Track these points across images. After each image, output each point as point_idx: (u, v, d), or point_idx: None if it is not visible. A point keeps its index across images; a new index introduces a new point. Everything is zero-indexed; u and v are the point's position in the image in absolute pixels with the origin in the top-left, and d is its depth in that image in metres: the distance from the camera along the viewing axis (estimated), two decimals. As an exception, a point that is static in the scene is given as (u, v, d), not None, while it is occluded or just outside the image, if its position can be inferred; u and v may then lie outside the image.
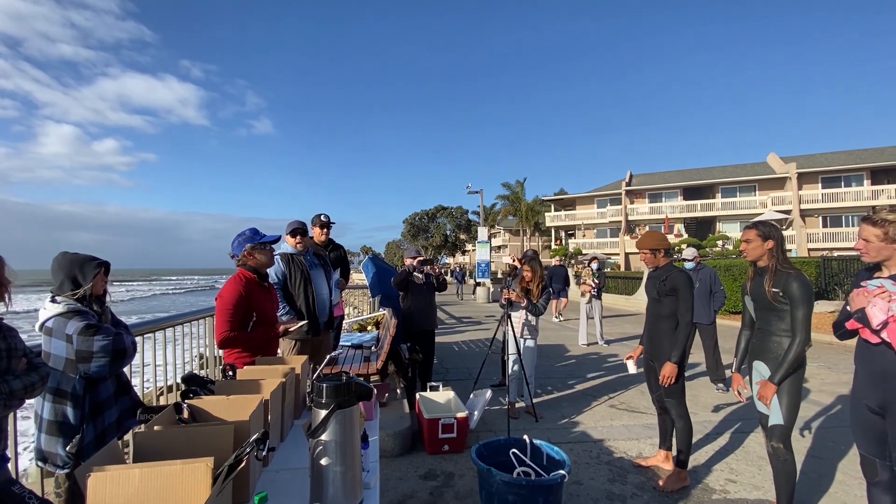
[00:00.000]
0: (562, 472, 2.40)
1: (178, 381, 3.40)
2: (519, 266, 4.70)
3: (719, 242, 25.75)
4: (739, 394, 2.67)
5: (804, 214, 26.64)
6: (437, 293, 4.97)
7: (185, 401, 1.53)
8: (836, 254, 19.13)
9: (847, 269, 12.55)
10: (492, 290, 19.32)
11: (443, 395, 4.06)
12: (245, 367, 2.04)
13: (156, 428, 1.32)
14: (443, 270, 5.50)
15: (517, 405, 4.56)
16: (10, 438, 1.75)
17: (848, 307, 2.09)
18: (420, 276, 4.70)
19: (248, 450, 1.15)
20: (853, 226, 25.01)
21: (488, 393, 4.19)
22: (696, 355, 5.55)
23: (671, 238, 26.59)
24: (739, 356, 2.71)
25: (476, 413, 3.98)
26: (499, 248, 49.56)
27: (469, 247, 48.96)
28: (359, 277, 13.18)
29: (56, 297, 1.87)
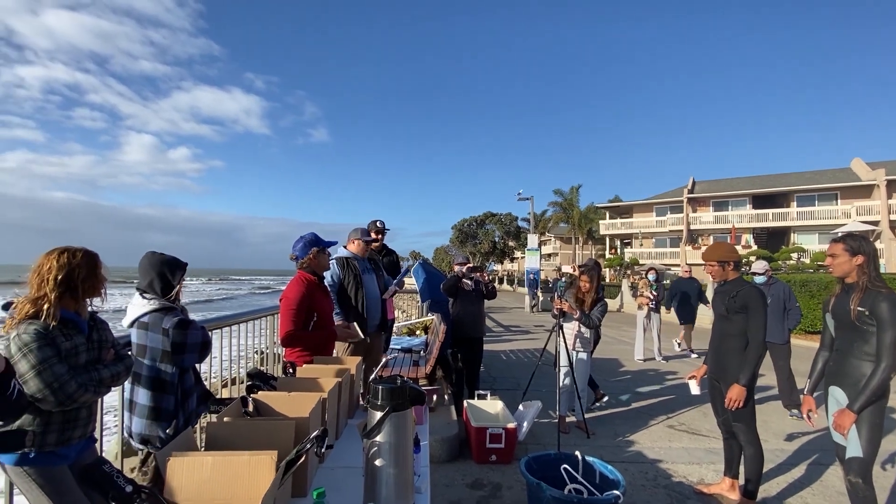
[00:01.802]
0: (616, 492, 2.30)
1: (241, 374, 3.62)
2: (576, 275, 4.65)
3: (794, 255, 23.69)
4: (809, 418, 2.44)
5: (894, 225, 23.88)
6: (485, 301, 4.95)
7: (251, 395, 1.63)
8: (936, 270, 16.92)
9: (951, 288, 11.06)
10: (540, 298, 18.89)
11: (491, 405, 4.02)
12: (304, 366, 2.14)
13: (225, 419, 1.41)
14: (491, 278, 5.45)
15: (567, 420, 4.42)
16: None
17: None
18: (469, 282, 4.70)
19: (308, 446, 1.19)
20: (959, 239, 22.08)
21: (538, 405, 4.10)
22: (768, 377, 5.11)
23: (738, 250, 24.80)
24: (814, 378, 2.47)
25: (525, 425, 3.91)
26: (549, 255, 48.54)
27: (518, 254, 48.39)
28: (408, 282, 13.40)
29: (145, 294, 2.04)
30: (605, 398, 5.11)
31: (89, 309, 1.73)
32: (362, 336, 2.99)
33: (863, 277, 2.23)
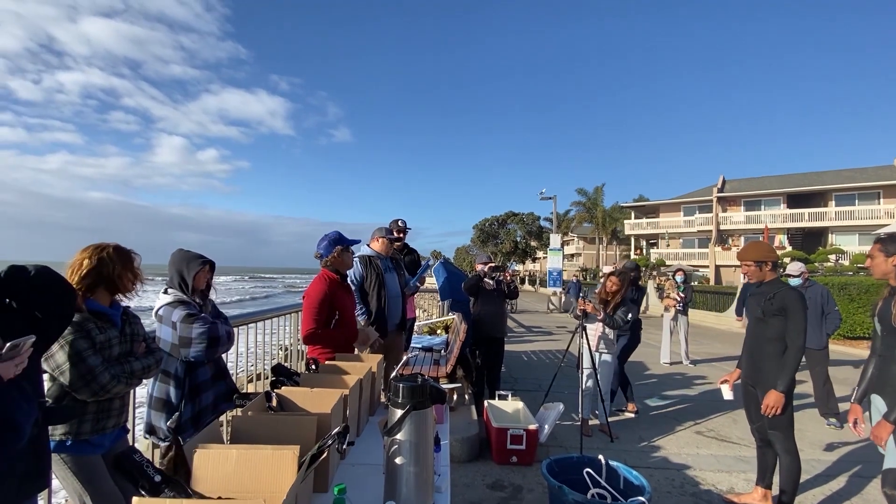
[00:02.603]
0: (641, 498, 2.24)
1: (266, 370, 3.69)
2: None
3: (831, 257, 22.66)
4: (855, 427, 2.31)
5: (945, 226, 22.54)
6: (507, 301, 4.91)
7: (274, 390, 1.65)
8: None
9: None
10: (562, 299, 18.64)
11: (511, 405, 3.98)
12: (326, 363, 2.16)
13: (249, 413, 1.43)
14: (513, 277, 5.39)
15: (590, 423, 4.34)
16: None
17: None
18: (491, 282, 4.67)
19: (329, 442, 1.20)
20: None
21: (560, 407, 4.04)
22: (804, 384, 4.90)
23: (771, 250, 23.85)
24: (863, 386, 2.34)
25: (546, 427, 3.85)
26: (572, 256, 47.88)
27: (540, 254, 47.91)
28: (429, 281, 13.45)
29: (168, 289, 2.12)
30: (636, 413, 4.96)
31: (123, 304, 1.80)
32: (377, 337, 3.01)
33: None
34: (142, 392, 2.28)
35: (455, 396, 4.13)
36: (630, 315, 4.47)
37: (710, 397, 5.68)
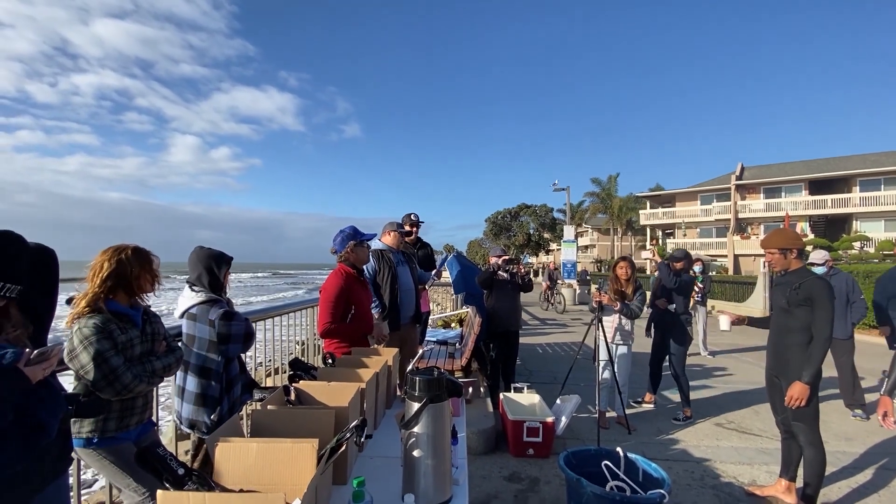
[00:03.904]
0: (661, 491, 2.22)
1: (284, 364, 3.75)
2: (657, 260, 4.62)
3: (856, 244, 21.99)
4: (885, 419, 2.24)
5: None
6: (521, 293, 4.88)
7: (293, 384, 1.67)
8: None
9: None
10: (577, 291, 18.47)
11: (527, 398, 3.97)
12: (343, 356, 2.18)
13: (269, 407, 1.45)
14: (526, 270, 5.34)
15: (608, 415, 4.31)
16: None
17: None
18: (504, 275, 4.65)
19: (348, 435, 1.21)
20: None
21: (577, 399, 4.02)
22: (828, 374, 4.78)
23: (792, 239, 23.22)
24: (892, 377, 2.27)
25: (563, 419, 3.83)
26: (586, 247, 47.39)
27: (553, 246, 47.52)
28: (443, 274, 13.45)
29: (194, 287, 2.15)
30: (653, 404, 4.92)
31: (144, 303, 1.83)
32: (387, 332, 3.03)
33: None
34: (164, 389, 2.34)
35: (471, 389, 4.13)
36: (674, 306, 4.43)
37: (729, 389, 5.59)
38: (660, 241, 33.18)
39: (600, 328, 4.13)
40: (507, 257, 4.76)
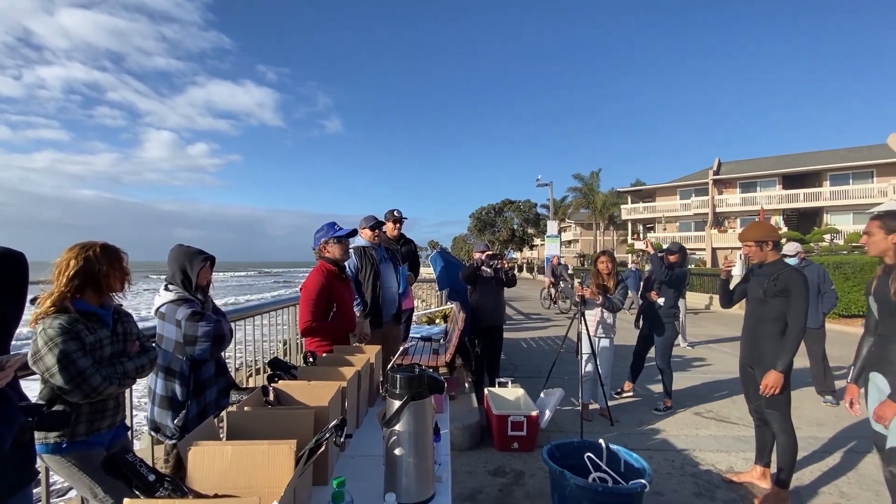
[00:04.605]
0: (642, 480, 2.25)
1: (265, 364, 3.68)
2: (650, 252, 4.67)
3: (827, 236, 22.77)
4: (851, 406, 2.33)
5: (939, 203, 22.64)
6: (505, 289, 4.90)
7: (271, 384, 1.63)
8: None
9: None
10: (562, 286, 18.66)
11: (511, 392, 4.00)
12: (324, 355, 2.14)
13: (246, 408, 1.42)
14: (511, 265, 5.37)
15: (591, 407, 4.36)
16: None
17: None
18: (488, 270, 4.66)
19: (327, 435, 1.19)
20: None
21: (560, 392, 4.06)
22: (800, 362, 4.95)
23: (766, 232, 23.90)
24: (858, 365, 2.34)
25: (547, 412, 3.87)
26: (569, 242, 47.92)
27: (537, 241, 47.93)
28: (426, 271, 13.45)
29: (169, 286, 2.10)
30: (631, 392, 5.02)
31: (116, 302, 1.77)
32: (368, 331, 3.00)
33: None
34: (140, 390, 2.27)
35: (455, 385, 4.14)
36: (663, 299, 4.50)
37: (708, 379, 5.73)
38: (641, 235, 33.77)
39: (583, 322, 4.18)
40: (490, 253, 4.77)
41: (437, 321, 7.85)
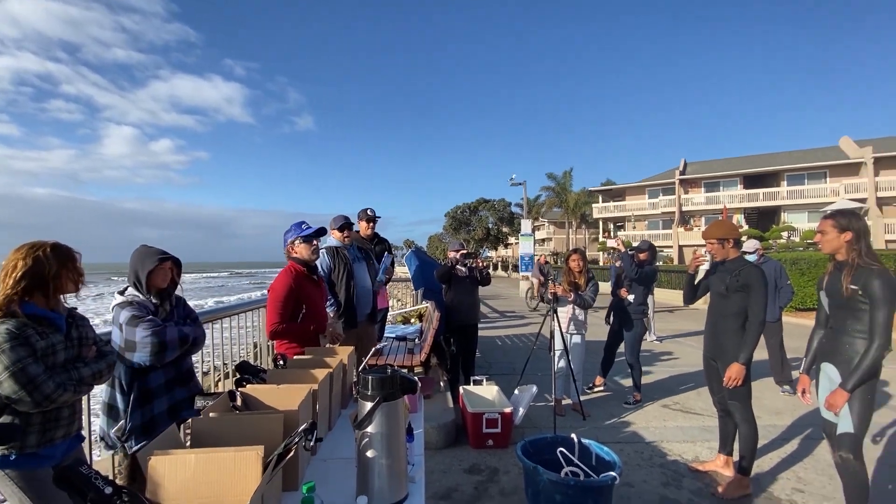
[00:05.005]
0: (612, 473, 2.30)
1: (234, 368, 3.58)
2: (622, 249, 4.73)
3: (784, 234, 23.91)
4: (803, 395, 2.46)
5: (881, 203, 24.13)
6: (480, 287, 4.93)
7: (239, 389, 1.58)
8: (923, 246, 17.16)
9: (937, 262, 11.25)
10: (534, 283, 18.93)
11: (486, 390, 4.02)
12: (295, 357, 2.10)
13: (211, 415, 1.37)
14: (486, 264, 5.45)
15: (563, 402, 4.44)
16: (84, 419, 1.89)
17: None
18: (463, 269, 4.68)
19: (296, 439, 1.16)
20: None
21: (533, 389, 4.11)
22: (759, 354, 5.19)
23: (729, 230, 24.94)
24: (810, 357, 2.47)
25: (521, 409, 3.92)
26: (543, 241, 48.64)
27: (512, 240, 48.39)
28: (402, 270, 13.38)
29: (126, 289, 2.00)
30: (602, 386, 5.14)
31: (70, 304, 1.68)
32: (341, 332, 2.95)
33: (852, 254, 2.21)
34: (99, 396, 2.16)
35: (431, 385, 4.13)
36: (633, 296, 4.60)
37: (675, 372, 5.93)
38: (611, 234, 34.62)
39: (555, 319, 4.24)
40: (465, 252, 4.78)
41: (413, 320, 7.83)
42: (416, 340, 4.96)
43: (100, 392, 1.96)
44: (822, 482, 3.00)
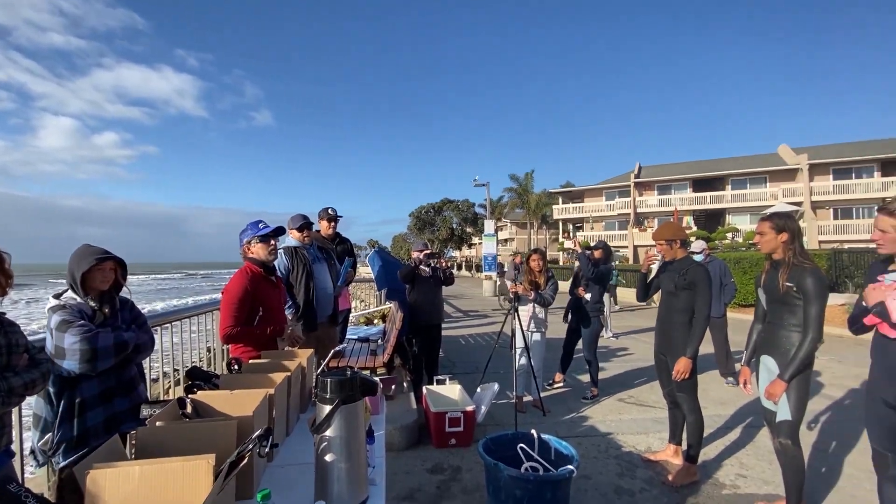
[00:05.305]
0: (570, 467, 2.37)
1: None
2: (578, 250, 4.84)
3: (729, 235, 25.45)
4: (745, 386, 2.64)
5: (815, 206, 26.20)
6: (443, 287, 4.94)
7: (189, 395, 1.51)
8: (846, 246, 18.79)
9: (858, 261, 12.34)
10: (498, 283, 19.23)
11: (449, 389, 4.04)
12: (250, 361, 2.03)
13: (157, 424, 1.30)
14: (450, 264, 5.49)
15: (524, 399, 4.53)
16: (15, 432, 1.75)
17: (864, 302, 2.02)
18: (427, 269, 4.68)
19: (250, 446, 1.12)
20: (864, 217, 24.56)
21: (495, 386, 4.17)
22: (705, 348, 5.50)
23: (680, 230, 26.31)
24: (749, 349, 2.66)
25: (483, 407, 3.96)
26: (505, 241, 49.40)
27: (475, 240, 48.84)
28: (365, 271, 13.19)
29: (63, 292, 1.86)
30: (562, 383, 5.29)
31: None
32: (300, 334, 2.87)
33: (788, 253, 2.39)
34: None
35: (393, 385, 4.11)
36: (590, 295, 4.72)
37: (630, 367, 6.18)
38: (571, 234, 35.67)
39: (516, 317, 4.32)
40: (428, 252, 4.78)
41: (376, 321, 7.74)
42: (379, 341, 4.91)
43: (34, 402, 1.82)
44: (762, 467, 3.22)
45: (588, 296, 4.83)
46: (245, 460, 1.12)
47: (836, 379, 5.46)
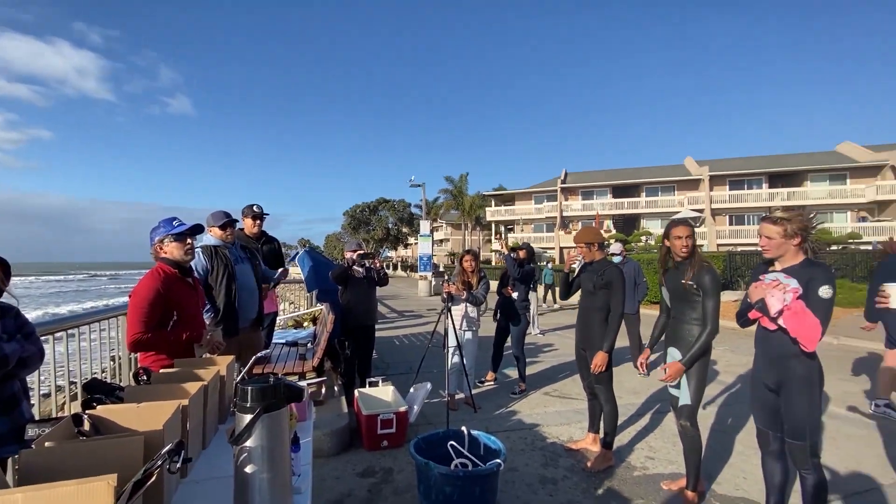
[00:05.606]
0: (497, 461, 2.47)
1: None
2: (504, 251, 4.91)
3: (643, 238, 27.78)
4: (643, 366, 2.97)
5: (714, 213, 29.49)
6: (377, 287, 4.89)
7: (87, 411, 1.37)
8: (739, 249, 21.40)
9: (748, 262, 14.07)
10: (433, 283, 19.40)
11: (382, 391, 4.01)
12: (161, 371, 1.87)
13: (47, 444, 1.16)
14: (385, 264, 5.45)
15: (457, 397, 4.61)
16: None
17: (748, 298, 2.31)
18: (360, 270, 4.59)
19: (159, 462, 1.04)
20: (754, 224, 28.11)
21: (428, 386, 4.21)
22: (621, 342, 5.96)
23: (602, 233, 28.27)
24: (654, 335, 2.98)
25: (416, 407, 3.98)
26: (441, 241, 49.87)
27: (411, 240, 48.79)
28: (294, 271, 12.64)
29: None
30: (494, 379, 5.46)
31: None
32: (221, 343, 2.70)
33: (697, 255, 2.69)
34: None
35: (324, 390, 3.99)
36: (517, 294, 4.89)
37: (555, 362, 6.53)
38: (502, 236, 36.88)
39: (449, 317, 4.39)
40: (362, 252, 4.70)
41: (306, 324, 7.46)
42: (309, 345, 4.74)
43: None
44: (667, 449, 3.56)
45: (515, 294, 5.04)
46: (153, 478, 1.04)
47: (729, 367, 6.18)
